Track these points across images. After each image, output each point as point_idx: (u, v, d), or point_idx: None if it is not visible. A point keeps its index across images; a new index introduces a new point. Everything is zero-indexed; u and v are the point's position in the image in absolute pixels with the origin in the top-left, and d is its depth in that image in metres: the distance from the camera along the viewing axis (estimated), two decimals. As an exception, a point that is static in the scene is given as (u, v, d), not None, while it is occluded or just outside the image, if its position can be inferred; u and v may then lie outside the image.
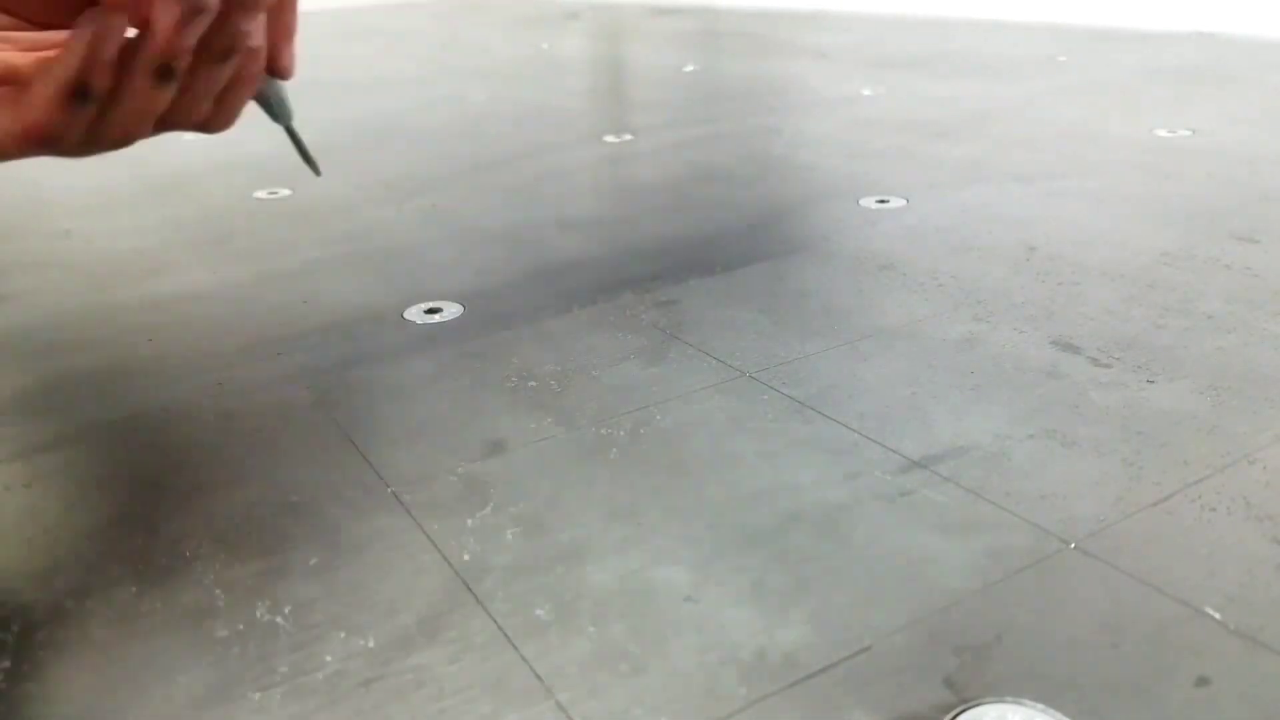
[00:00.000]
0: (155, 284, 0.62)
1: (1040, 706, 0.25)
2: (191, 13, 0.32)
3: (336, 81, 1.49)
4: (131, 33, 0.33)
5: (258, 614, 0.31)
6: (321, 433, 0.41)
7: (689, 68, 1.46)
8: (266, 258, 0.66)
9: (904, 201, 0.69)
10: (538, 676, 0.27)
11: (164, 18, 0.32)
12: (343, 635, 0.29)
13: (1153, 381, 0.42)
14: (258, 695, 0.27)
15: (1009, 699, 0.26)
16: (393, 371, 0.47)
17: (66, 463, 0.40)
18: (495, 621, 0.30)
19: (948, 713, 0.25)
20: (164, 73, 0.34)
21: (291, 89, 0.41)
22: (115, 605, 0.31)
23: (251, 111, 0.39)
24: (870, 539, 0.32)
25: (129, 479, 0.39)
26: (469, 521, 0.35)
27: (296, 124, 0.42)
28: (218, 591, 0.32)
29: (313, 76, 1.58)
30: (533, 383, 0.45)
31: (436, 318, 0.53)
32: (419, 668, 0.28)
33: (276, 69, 0.41)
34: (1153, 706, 0.25)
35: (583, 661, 0.28)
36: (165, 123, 0.37)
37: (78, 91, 0.32)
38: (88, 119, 0.34)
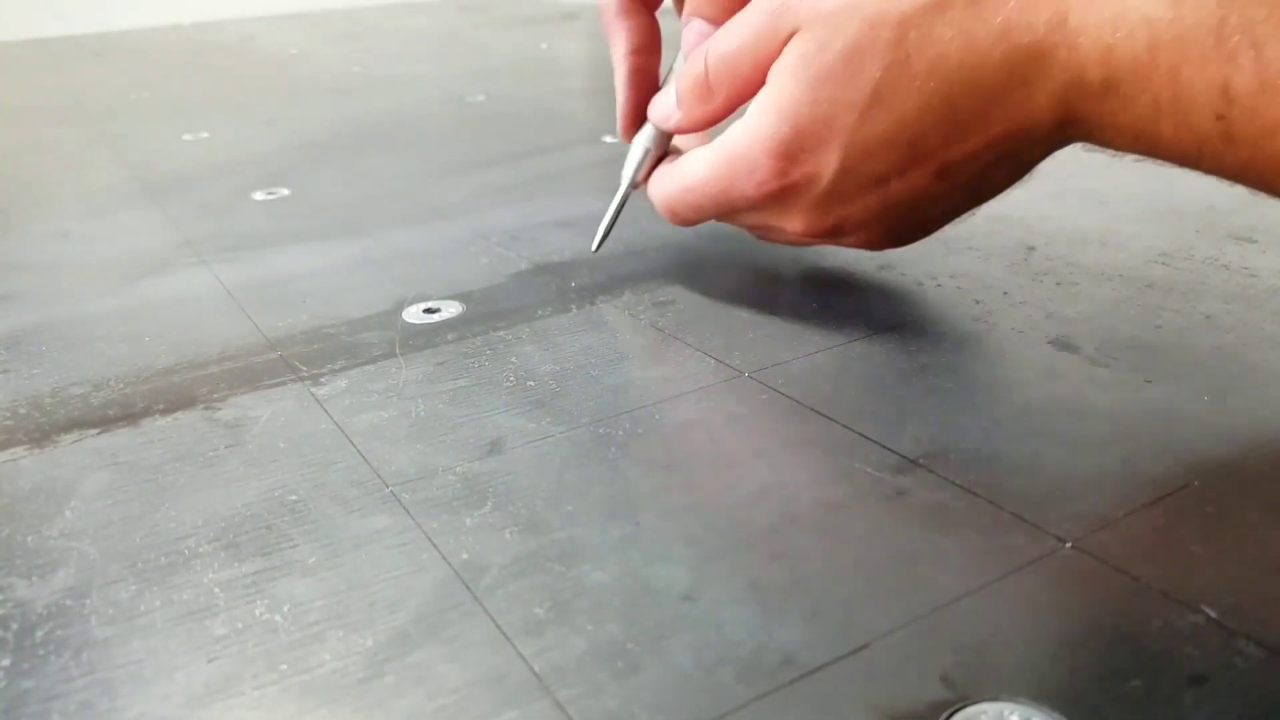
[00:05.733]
0: (154, 285, 0.62)
1: (1037, 705, 0.25)
2: None
3: (334, 81, 1.49)
4: None
5: (256, 612, 0.31)
6: (321, 432, 0.42)
7: (689, 68, 1.46)
8: (264, 258, 0.66)
9: (903, 202, 0.69)
10: (536, 675, 0.27)
11: None
12: (341, 634, 0.30)
13: (1150, 381, 0.42)
14: (256, 693, 0.27)
15: (1006, 698, 0.26)
16: (391, 371, 0.47)
17: (59, 463, 0.40)
18: (493, 620, 0.30)
19: (944, 711, 0.25)
20: None
21: (289, 90, 0.41)
22: (115, 603, 0.31)
23: (250, 113, 0.39)
24: (868, 538, 0.32)
25: (128, 479, 0.39)
26: (468, 520, 0.35)
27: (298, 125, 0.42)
28: (217, 590, 0.32)
29: (311, 76, 1.58)
30: (531, 382, 0.45)
31: (435, 317, 0.53)
32: (417, 666, 0.28)
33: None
34: (1149, 705, 0.25)
35: (581, 660, 0.28)
36: None
37: None
38: None
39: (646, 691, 0.27)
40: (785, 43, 0.41)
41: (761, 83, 0.43)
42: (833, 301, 0.52)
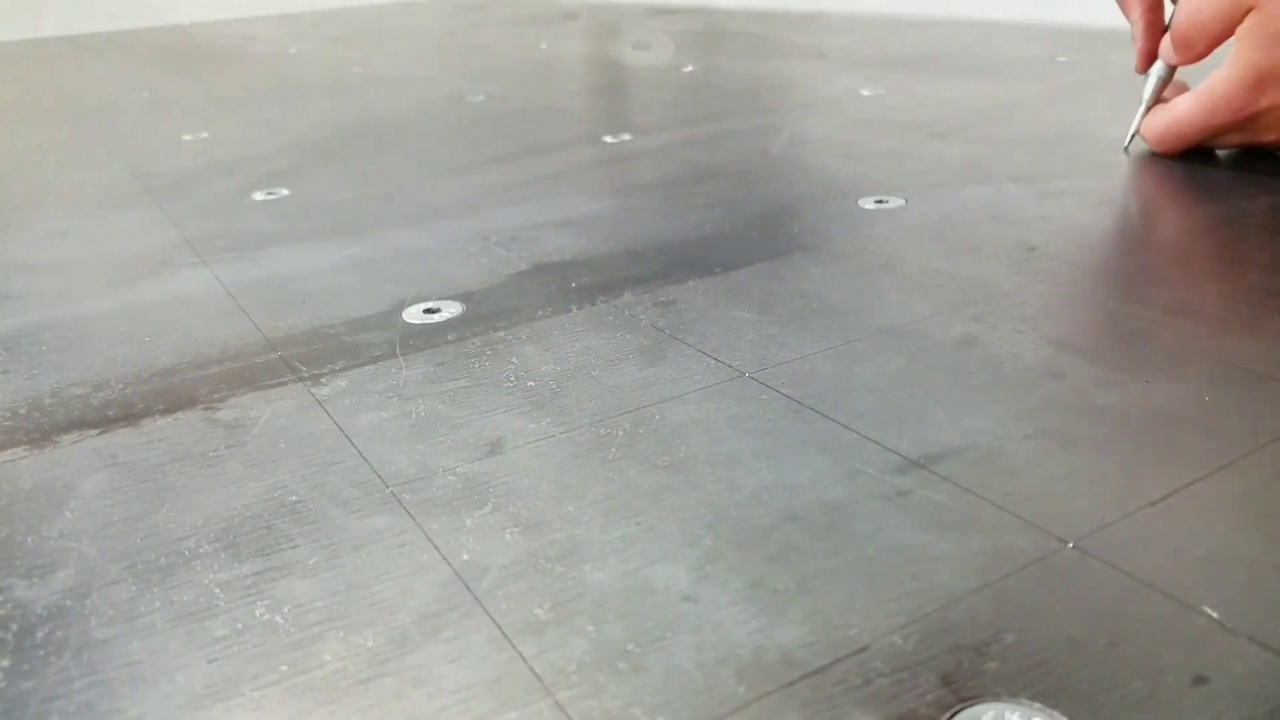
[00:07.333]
0: (154, 285, 0.62)
1: (1038, 705, 0.25)
2: None
3: (335, 81, 1.49)
4: None
5: (257, 613, 0.31)
6: (320, 433, 0.42)
7: (688, 68, 1.46)
8: (264, 258, 0.66)
9: (903, 202, 0.70)
10: (536, 675, 0.27)
11: None
12: (341, 634, 0.30)
13: (1151, 381, 0.42)
14: (257, 694, 0.27)
15: (1006, 698, 0.26)
16: (391, 371, 0.47)
17: (59, 463, 0.40)
18: (494, 620, 0.30)
19: (945, 712, 0.25)
20: None
21: (289, 90, 0.41)
22: (115, 604, 0.31)
23: (250, 113, 0.39)
24: (868, 538, 0.32)
25: (128, 479, 0.39)
26: (468, 521, 0.35)
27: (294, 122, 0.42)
28: (217, 591, 0.32)
29: (311, 76, 1.58)
30: (531, 382, 0.45)
31: (435, 317, 0.53)
32: (417, 666, 0.28)
33: None
34: (1150, 705, 0.25)
35: (581, 660, 0.28)
36: None
37: None
38: None
39: (647, 692, 0.27)
40: (1246, 14, 0.64)
41: (1227, 36, 0.66)
42: (832, 301, 0.52)
